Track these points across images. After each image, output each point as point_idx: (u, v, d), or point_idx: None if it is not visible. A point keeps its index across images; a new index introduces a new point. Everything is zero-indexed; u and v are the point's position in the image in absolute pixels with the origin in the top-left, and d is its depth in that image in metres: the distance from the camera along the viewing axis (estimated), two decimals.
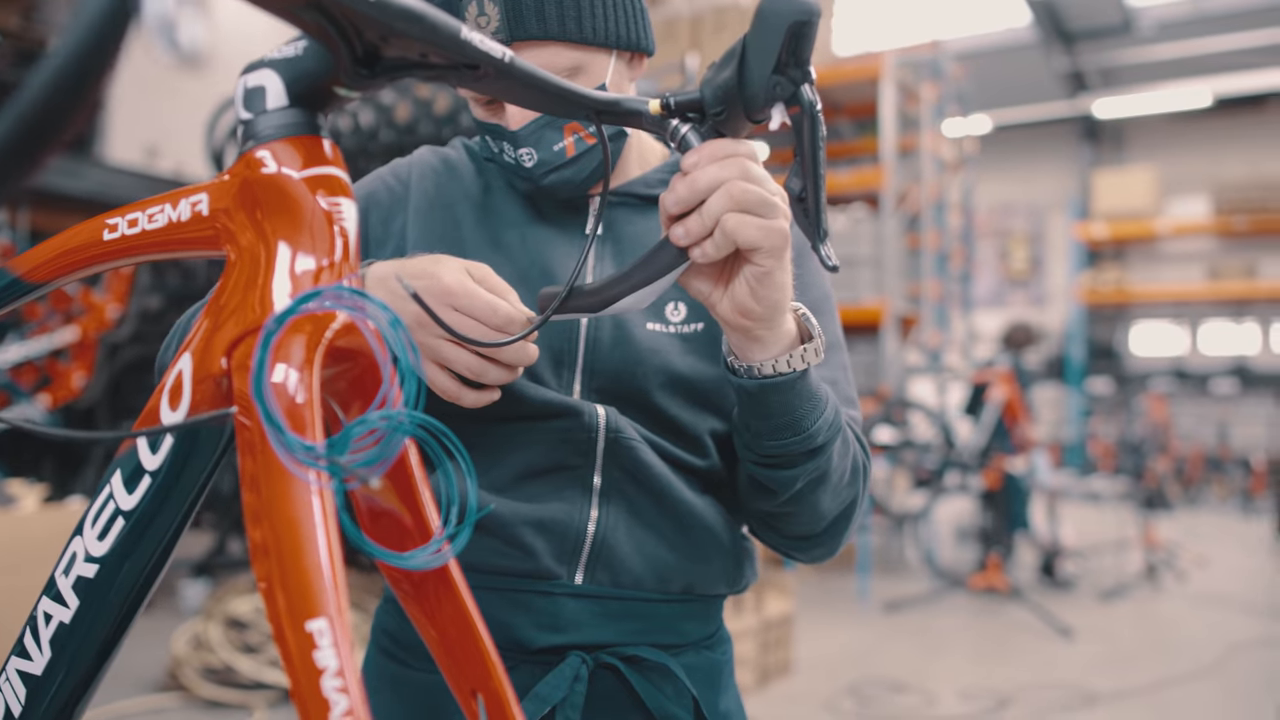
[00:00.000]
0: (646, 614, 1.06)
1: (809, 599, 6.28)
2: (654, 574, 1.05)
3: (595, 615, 1.04)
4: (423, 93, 4.38)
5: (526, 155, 1.02)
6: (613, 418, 1.03)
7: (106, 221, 0.72)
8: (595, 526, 1.04)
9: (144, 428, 0.64)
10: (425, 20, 0.58)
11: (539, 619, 1.03)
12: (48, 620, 0.67)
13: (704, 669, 1.10)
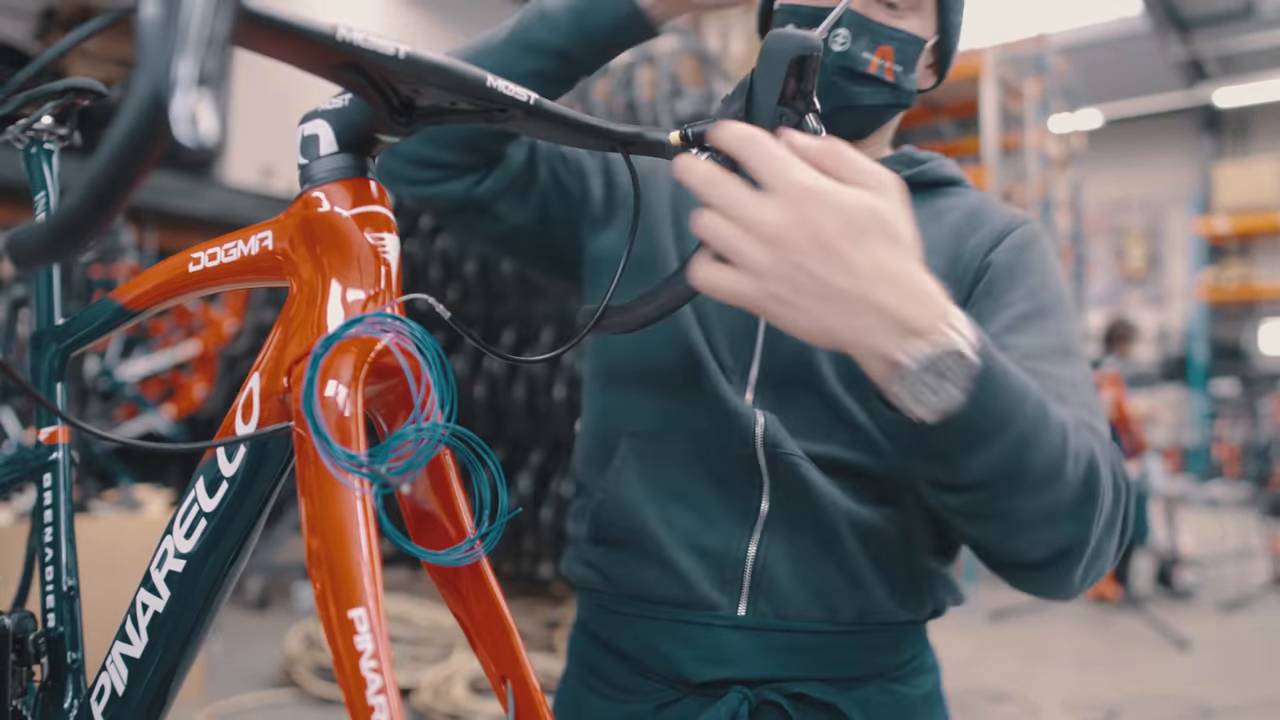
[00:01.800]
0: (814, 646, 0.98)
1: None
2: (820, 603, 0.98)
3: (758, 648, 0.98)
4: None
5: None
6: (771, 429, 0.97)
7: (191, 256, 0.81)
8: (755, 551, 0.98)
9: (221, 439, 0.72)
10: (451, 72, 0.65)
11: (701, 651, 0.98)
12: (145, 609, 0.76)
13: (889, 705, 1.00)
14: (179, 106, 0.39)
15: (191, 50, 0.40)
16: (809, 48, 0.74)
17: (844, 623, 0.98)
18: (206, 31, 0.41)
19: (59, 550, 0.94)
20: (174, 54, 0.40)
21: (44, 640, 0.90)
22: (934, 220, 1.04)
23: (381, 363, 0.65)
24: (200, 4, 0.41)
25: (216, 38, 0.41)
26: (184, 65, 0.40)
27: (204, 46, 0.40)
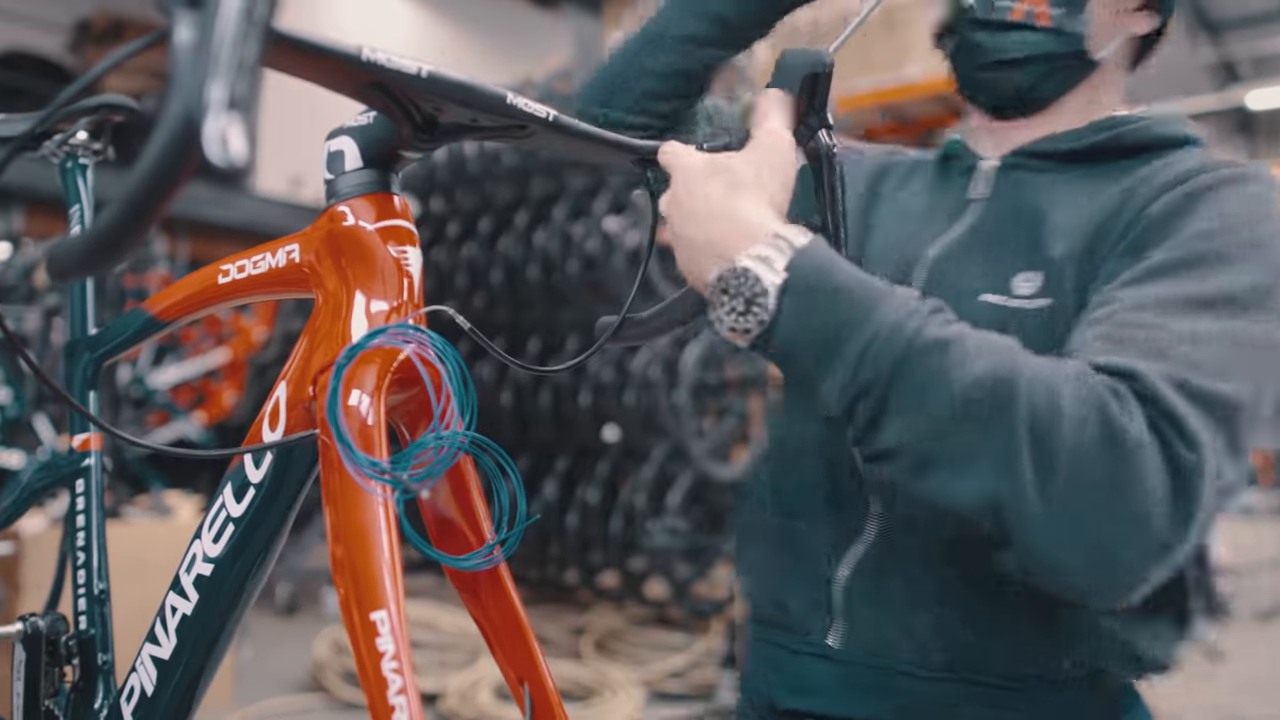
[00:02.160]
0: (907, 691, 0.87)
1: None
2: (912, 641, 0.86)
3: (844, 683, 0.90)
4: None
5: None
6: None
7: (221, 268, 0.84)
8: (848, 575, 0.90)
9: (248, 446, 0.74)
10: (472, 90, 0.67)
11: (786, 678, 0.93)
12: (174, 612, 0.78)
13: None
14: (211, 129, 0.41)
15: (223, 75, 0.42)
16: (820, 64, 0.76)
17: (936, 668, 0.86)
18: (237, 57, 0.43)
19: (91, 554, 0.96)
20: (206, 78, 0.42)
21: (75, 642, 0.93)
22: (1100, 191, 0.89)
23: (404, 373, 0.67)
24: (231, 30, 0.43)
25: (247, 62, 0.43)
26: (216, 89, 0.42)
27: (235, 71, 0.42)
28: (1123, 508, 0.65)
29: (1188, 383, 0.68)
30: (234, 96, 0.42)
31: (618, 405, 4.11)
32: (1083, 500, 0.65)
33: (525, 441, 4.52)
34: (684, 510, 4.22)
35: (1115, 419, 0.65)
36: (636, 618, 4.37)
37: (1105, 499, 0.65)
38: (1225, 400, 0.69)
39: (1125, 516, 0.65)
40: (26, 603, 2.86)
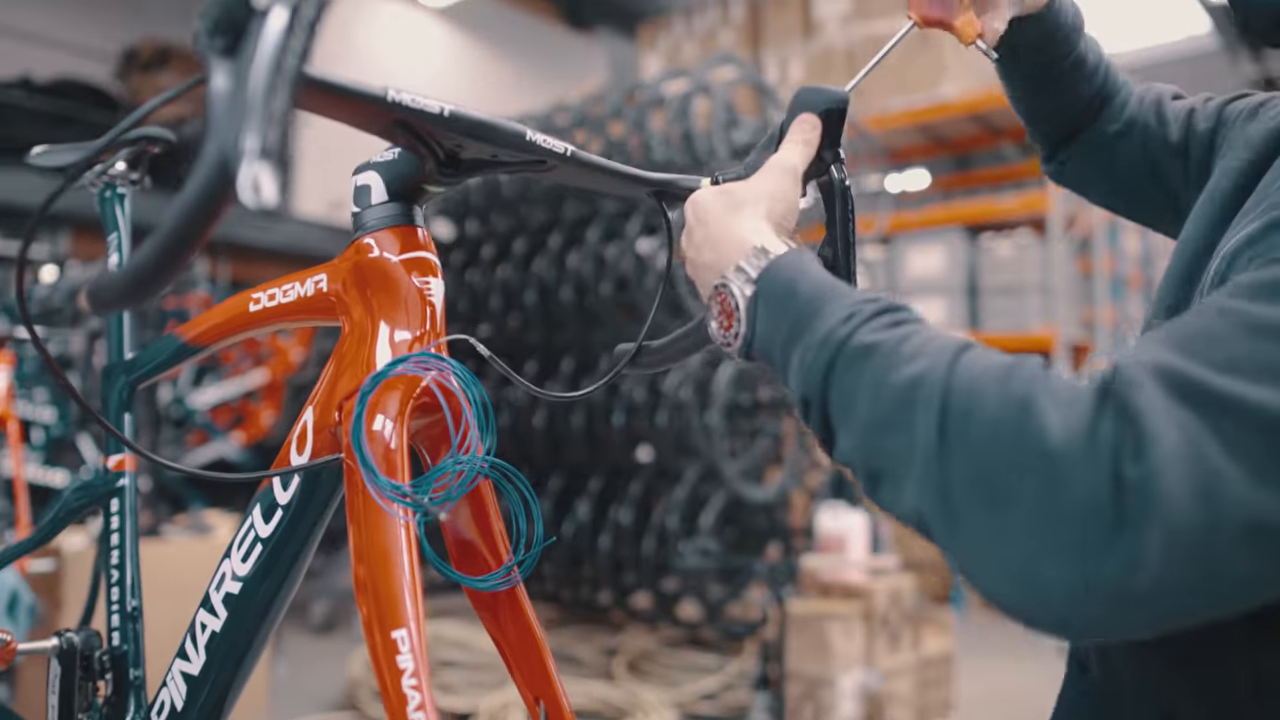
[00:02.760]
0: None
1: (977, 637, 6.12)
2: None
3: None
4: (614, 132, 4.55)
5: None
6: None
7: (252, 296, 0.87)
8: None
9: (276, 469, 0.77)
10: (492, 128, 0.70)
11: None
12: (203, 629, 0.80)
13: None
14: (244, 176, 0.44)
15: (256, 124, 0.45)
16: (836, 101, 0.78)
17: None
18: (268, 107, 0.45)
19: (124, 572, 0.99)
20: (241, 126, 0.45)
21: (108, 657, 0.96)
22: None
23: (426, 399, 0.70)
24: (263, 81, 0.46)
25: (277, 112, 0.45)
26: (249, 138, 0.44)
27: (266, 121, 0.45)
28: (1040, 524, 0.54)
29: (1180, 374, 0.55)
30: (265, 145, 0.44)
31: (650, 426, 4.12)
32: (995, 514, 0.56)
33: (559, 462, 4.54)
34: (716, 531, 4.22)
35: (1035, 422, 0.55)
36: (669, 639, 4.37)
37: (1020, 513, 0.55)
38: (1241, 403, 0.53)
39: (1043, 534, 0.54)
40: (66, 619, 2.92)
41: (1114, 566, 0.52)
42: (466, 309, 4.80)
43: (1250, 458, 0.51)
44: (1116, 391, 0.55)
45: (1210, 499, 0.51)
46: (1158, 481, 0.51)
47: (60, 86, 9.67)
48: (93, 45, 10.40)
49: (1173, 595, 0.52)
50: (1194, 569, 0.51)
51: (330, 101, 0.63)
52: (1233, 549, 0.51)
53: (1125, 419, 0.53)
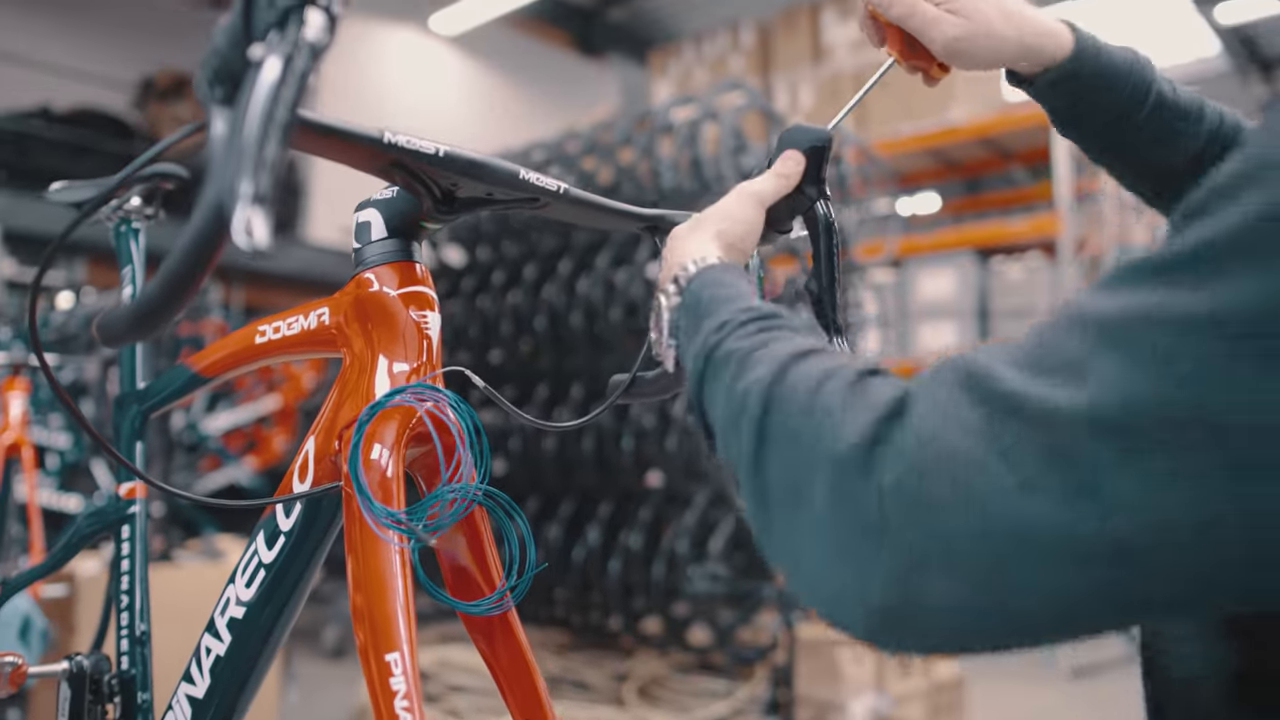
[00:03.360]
0: None
1: (988, 662, 6.08)
2: None
3: None
4: (624, 158, 4.59)
5: None
6: None
7: (258, 328, 0.90)
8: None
9: (279, 496, 0.79)
10: (486, 168, 0.73)
11: None
12: (208, 653, 0.83)
13: None
14: (238, 220, 0.46)
15: (249, 171, 0.47)
16: (821, 139, 0.81)
17: None
18: (261, 156, 0.48)
19: (134, 597, 1.02)
20: (236, 173, 0.47)
21: (117, 681, 0.98)
22: None
23: (423, 429, 0.72)
24: (257, 130, 0.49)
25: (268, 160, 0.48)
26: (244, 184, 0.47)
27: (259, 169, 0.48)
28: (828, 529, 0.53)
29: (977, 372, 0.51)
30: (258, 191, 0.47)
31: (660, 451, 4.14)
32: (795, 519, 0.55)
33: (569, 487, 4.56)
34: (726, 556, 4.22)
35: (831, 428, 0.54)
36: (679, 664, 4.36)
37: (813, 519, 0.54)
38: (1023, 401, 0.48)
39: (831, 539, 0.53)
40: (79, 644, 2.94)
41: (883, 573, 0.50)
42: (478, 334, 4.83)
43: (1023, 461, 0.46)
44: (912, 394, 0.53)
45: (973, 504, 0.47)
46: (922, 485, 0.49)
47: (79, 116, 9.80)
48: (111, 75, 10.55)
49: (955, 607, 0.49)
50: (968, 579, 0.48)
51: (329, 144, 0.66)
52: (1008, 559, 0.47)
53: (905, 423, 0.51)
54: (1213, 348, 0.42)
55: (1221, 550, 0.43)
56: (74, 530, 1.11)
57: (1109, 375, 0.45)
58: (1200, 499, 0.43)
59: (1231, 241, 0.43)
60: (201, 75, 0.56)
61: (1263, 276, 0.42)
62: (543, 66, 12.85)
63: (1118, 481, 0.44)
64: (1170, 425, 0.43)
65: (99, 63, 10.65)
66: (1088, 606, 0.47)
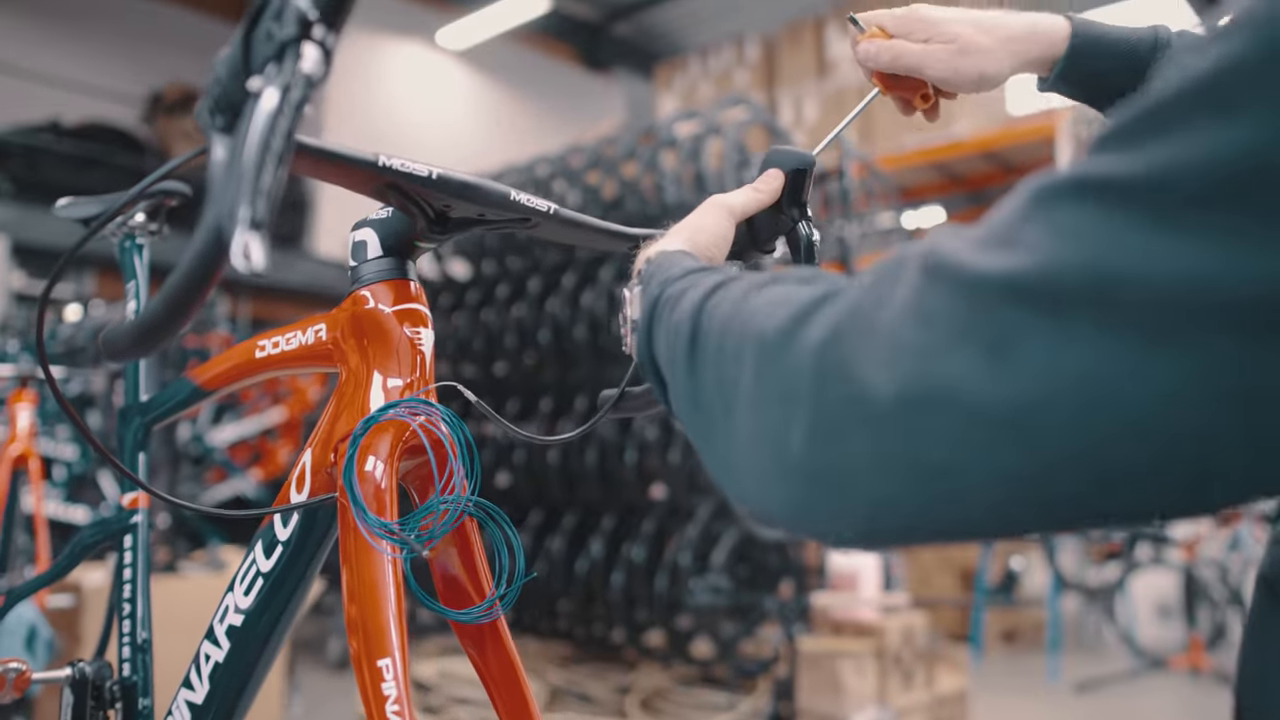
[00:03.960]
0: None
1: (992, 676, 6.08)
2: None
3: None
4: (628, 172, 4.63)
5: None
6: None
7: (258, 343, 0.92)
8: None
9: (277, 507, 0.81)
10: (477, 189, 0.75)
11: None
12: (207, 659, 0.85)
13: None
14: (236, 244, 0.49)
15: (247, 197, 0.50)
16: (804, 162, 0.84)
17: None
18: (260, 181, 0.50)
19: (136, 605, 1.04)
20: (235, 198, 0.50)
21: (119, 687, 1.00)
22: None
23: (415, 442, 0.74)
24: (254, 158, 0.51)
25: (268, 186, 0.51)
26: (242, 210, 0.49)
27: (256, 195, 0.50)
28: (754, 410, 0.53)
29: (938, 248, 0.49)
30: (255, 216, 0.49)
31: (663, 464, 4.16)
32: (727, 414, 0.55)
33: (573, 500, 4.58)
34: (729, 569, 4.23)
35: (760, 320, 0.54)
36: (682, 676, 4.37)
37: (742, 405, 0.54)
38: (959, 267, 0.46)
39: (757, 421, 0.52)
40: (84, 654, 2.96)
41: (801, 435, 0.49)
42: (482, 347, 4.86)
43: (943, 325, 0.45)
44: (853, 283, 0.52)
45: (893, 365, 0.46)
46: (842, 347, 0.48)
47: (88, 130, 9.88)
48: (120, 90, 10.63)
49: (870, 471, 0.47)
50: (883, 443, 0.46)
51: (326, 167, 0.68)
52: (923, 422, 0.45)
53: (836, 299, 0.51)
54: (1114, 214, 0.42)
55: (1118, 430, 0.41)
56: (78, 540, 1.14)
57: (1032, 242, 0.44)
58: (1100, 369, 0.41)
59: (1147, 115, 0.43)
60: (203, 104, 0.58)
61: (1167, 145, 0.42)
62: (549, 81, 12.92)
63: (1028, 347, 0.42)
64: (1074, 292, 0.42)
65: (108, 77, 10.74)
66: (999, 485, 0.44)
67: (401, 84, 11.48)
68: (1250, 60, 0.40)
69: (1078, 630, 7.66)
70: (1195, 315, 0.40)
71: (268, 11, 0.55)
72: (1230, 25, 0.43)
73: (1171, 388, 0.40)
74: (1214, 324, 0.39)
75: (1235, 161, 0.39)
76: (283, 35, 0.54)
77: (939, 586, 6.20)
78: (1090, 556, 7.50)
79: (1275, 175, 0.38)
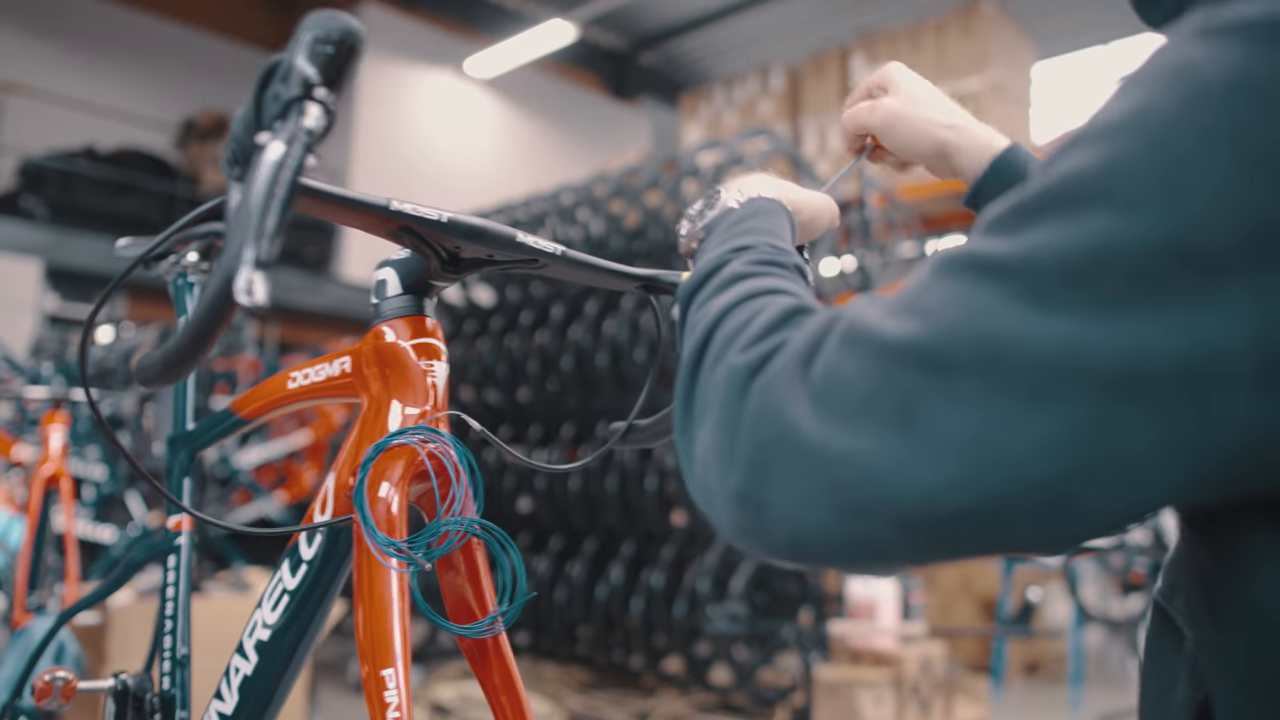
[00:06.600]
0: None
1: (1013, 707, 6.04)
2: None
3: None
4: (651, 201, 4.69)
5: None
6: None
7: (290, 375, 0.99)
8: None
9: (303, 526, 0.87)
10: (485, 233, 0.81)
11: None
12: (237, 672, 0.90)
13: None
14: (240, 283, 0.54)
15: (252, 240, 0.56)
16: None
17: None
18: (264, 225, 0.56)
19: (177, 622, 1.10)
20: (243, 241, 0.56)
21: (158, 699, 1.06)
22: None
23: (425, 467, 0.80)
24: (259, 204, 0.57)
25: (269, 229, 0.56)
26: (246, 250, 0.55)
27: (260, 237, 0.56)
28: (712, 434, 0.59)
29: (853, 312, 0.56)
30: (259, 257, 0.55)
31: (683, 490, 4.19)
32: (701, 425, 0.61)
33: (594, 526, 4.62)
34: (748, 596, 4.26)
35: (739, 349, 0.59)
36: (701, 703, 4.39)
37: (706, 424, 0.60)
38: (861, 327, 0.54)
39: (712, 444, 0.58)
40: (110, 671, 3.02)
41: (737, 473, 0.55)
42: (505, 373, 4.92)
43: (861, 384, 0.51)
44: (803, 330, 0.57)
45: (819, 421, 0.52)
46: (777, 400, 0.54)
47: (122, 156, 10.07)
48: (154, 116, 10.84)
49: (792, 507, 0.52)
50: (800, 486, 0.52)
51: (343, 211, 0.75)
52: (839, 476, 0.51)
53: (784, 350, 0.56)
54: (996, 289, 0.49)
55: (1006, 478, 0.47)
56: (128, 559, 1.21)
57: (929, 310, 0.51)
58: (987, 427, 0.47)
59: (1022, 207, 0.51)
60: (224, 156, 0.66)
61: (1035, 234, 0.49)
62: (575, 109, 13.06)
63: (926, 409, 0.48)
64: (962, 356, 0.48)
65: (142, 104, 10.96)
66: (904, 530, 0.50)
67: (429, 112, 11.64)
68: (1089, 172, 0.49)
69: (1101, 662, 7.60)
70: (1066, 378, 0.46)
71: (277, 75, 0.63)
72: (1083, 130, 0.51)
73: (1048, 438, 0.47)
74: (1082, 385, 0.46)
75: (1084, 251, 0.47)
76: (288, 95, 0.61)
77: (959, 616, 6.17)
78: (1113, 588, 7.45)
79: (1115, 263, 0.46)
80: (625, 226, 4.72)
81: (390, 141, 11.01)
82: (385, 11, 11.27)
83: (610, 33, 12.65)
